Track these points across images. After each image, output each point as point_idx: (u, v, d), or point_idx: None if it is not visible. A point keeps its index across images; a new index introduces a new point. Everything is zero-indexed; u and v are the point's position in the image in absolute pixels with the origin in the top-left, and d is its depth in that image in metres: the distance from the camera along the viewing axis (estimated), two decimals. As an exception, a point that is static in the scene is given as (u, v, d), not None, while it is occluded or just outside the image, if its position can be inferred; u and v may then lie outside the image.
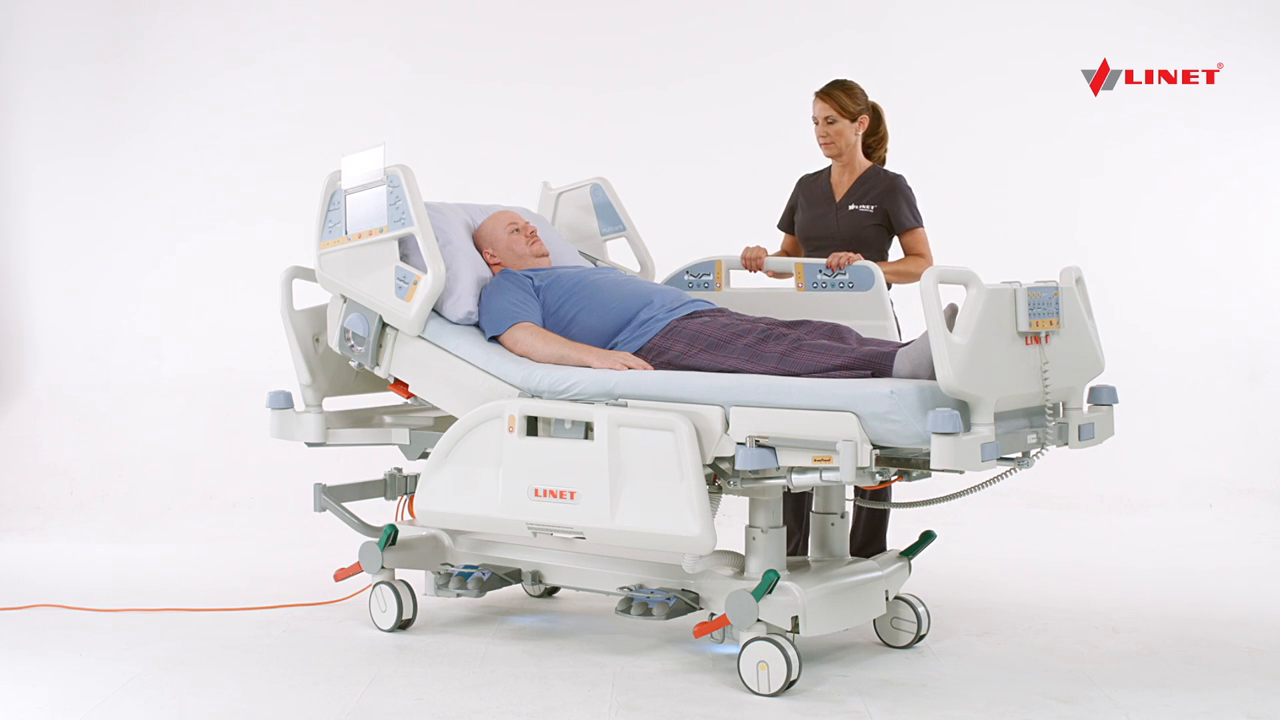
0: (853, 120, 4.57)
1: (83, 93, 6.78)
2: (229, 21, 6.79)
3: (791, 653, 3.52)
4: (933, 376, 3.38)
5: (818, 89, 4.61)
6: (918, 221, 4.57)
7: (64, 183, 6.81)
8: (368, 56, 6.73)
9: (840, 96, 4.57)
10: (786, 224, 4.81)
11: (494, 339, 4.09)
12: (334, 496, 4.39)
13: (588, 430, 3.69)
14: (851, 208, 4.58)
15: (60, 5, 6.77)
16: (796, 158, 6.62)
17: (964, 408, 3.29)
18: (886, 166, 4.71)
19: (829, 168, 4.71)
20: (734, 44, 6.64)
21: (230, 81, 6.75)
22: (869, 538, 4.48)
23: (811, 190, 4.72)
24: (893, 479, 3.61)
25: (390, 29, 6.75)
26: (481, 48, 6.71)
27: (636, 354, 3.94)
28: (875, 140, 4.70)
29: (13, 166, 6.84)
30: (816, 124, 4.60)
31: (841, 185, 4.65)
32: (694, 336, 3.85)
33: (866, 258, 4.41)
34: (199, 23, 6.77)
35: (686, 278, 4.60)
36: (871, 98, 4.69)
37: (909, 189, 4.59)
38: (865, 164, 4.65)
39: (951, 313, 3.35)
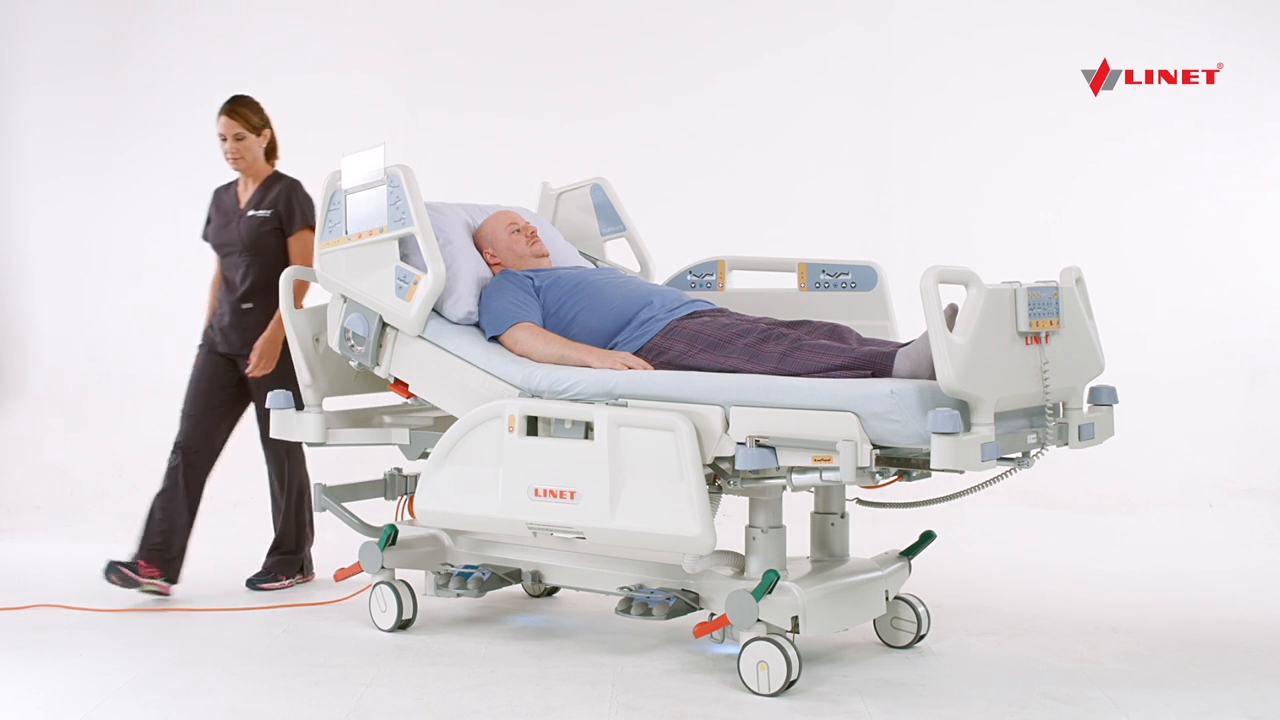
0: (258, 134, 4.80)
1: (84, 97, 6.79)
2: (229, 25, 6.79)
3: (791, 653, 3.52)
4: (933, 376, 3.38)
5: (226, 105, 4.81)
6: (305, 223, 4.77)
7: (64, 184, 6.82)
8: (368, 57, 6.73)
9: (247, 114, 4.80)
10: (205, 234, 4.99)
11: (494, 339, 4.09)
12: (334, 496, 4.39)
13: (588, 430, 3.69)
14: (250, 214, 4.80)
15: (62, 11, 6.78)
16: (798, 157, 6.64)
17: (964, 408, 3.29)
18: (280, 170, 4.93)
19: (239, 179, 4.92)
20: (736, 43, 6.64)
21: (230, 83, 6.71)
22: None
23: (222, 202, 4.94)
24: (893, 479, 3.62)
25: (391, 30, 6.75)
26: (481, 47, 6.70)
27: (636, 354, 3.94)
28: (268, 149, 4.93)
29: (14, 167, 6.85)
30: (224, 141, 4.79)
31: (245, 194, 4.87)
32: (694, 336, 3.85)
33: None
34: (199, 26, 6.78)
35: (689, 278, 4.60)
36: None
37: (305, 193, 4.82)
38: (267, 171, 4.87)
39: (951, 313, 3.35)
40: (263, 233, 4.76)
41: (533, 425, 3.79)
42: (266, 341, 4.70)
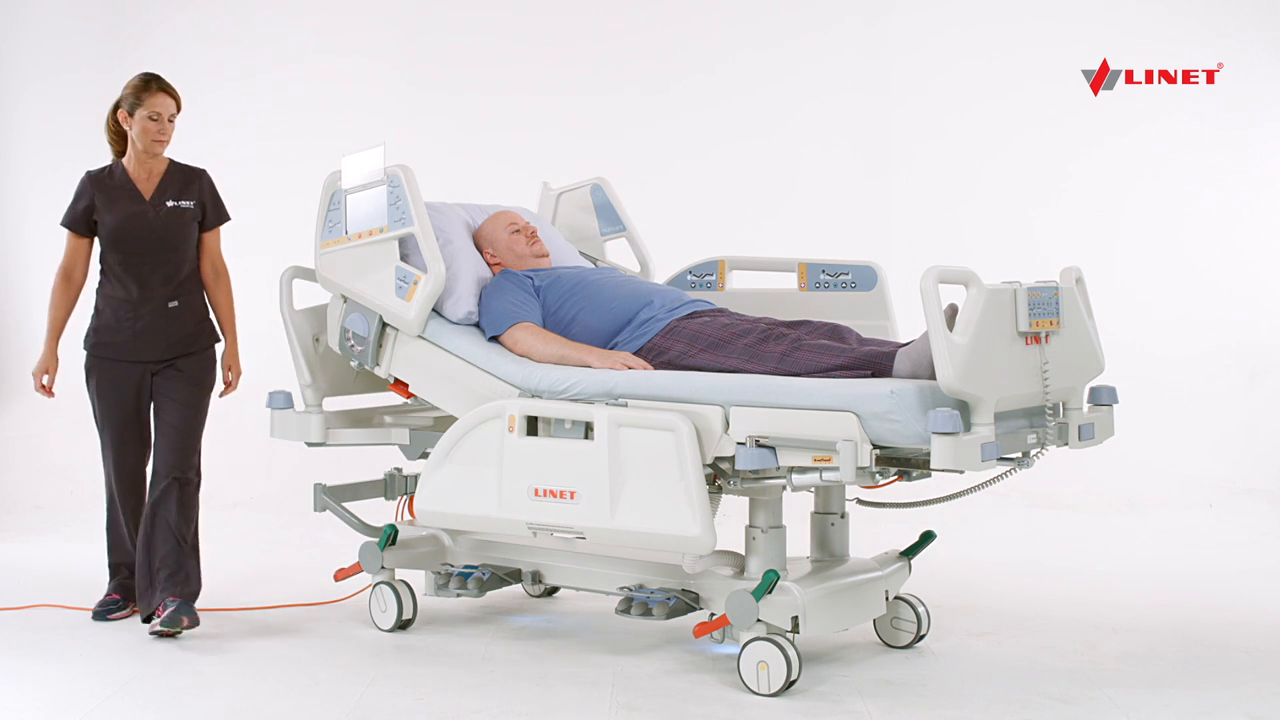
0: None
1: (81, 97, 6.78)
2: (228, 24, 6.79)
3: (791, 653, 3.52)
4: (933, 376, 3.38)
5: (158, 83, 4.32)
6: (225, 218, 4.51)
7: (64, 184, 6.77)
8: (367, 57, 6.73)
9: (178, 94, 4.35)
10: (83, 225, 4.40)
11: (494, 339, 4.09)
12: (334, 496, 4.39)
13: (588, 430, 3.69)
14: (171, 204, 4.37)
15: (61, 9, 6.78)
16: (798, 153, 6.64)
17: (964, 408, 3.29)
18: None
19: (117, 164, 4.43)
20: (736, 38, 6.64)
21: (229, 83, 6.75)
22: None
23: (111, 190, 4.38)
24: (893, 479, 3.62)
25: (390, 29, 6.75)
26: (481, 47, 6.70)
27: (637, 354, 3.94)
28: None
29: (12, 166, 6.84)
30: (155, 121, 4.30)
31: (147, 182, 4.38)
32: (694, 336, 3.85)
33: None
34: (198, 25, 6.77)
35: (689, 277, 4.60)
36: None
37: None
38: (164, 159, 4.43)
39: (951, 313, 3.35)
40: (187, 225, 4.37)
41: (533, 425, 3.79)
42: (236, 355, 4.53)
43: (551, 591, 4.74)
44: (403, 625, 4.27)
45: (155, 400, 4.43)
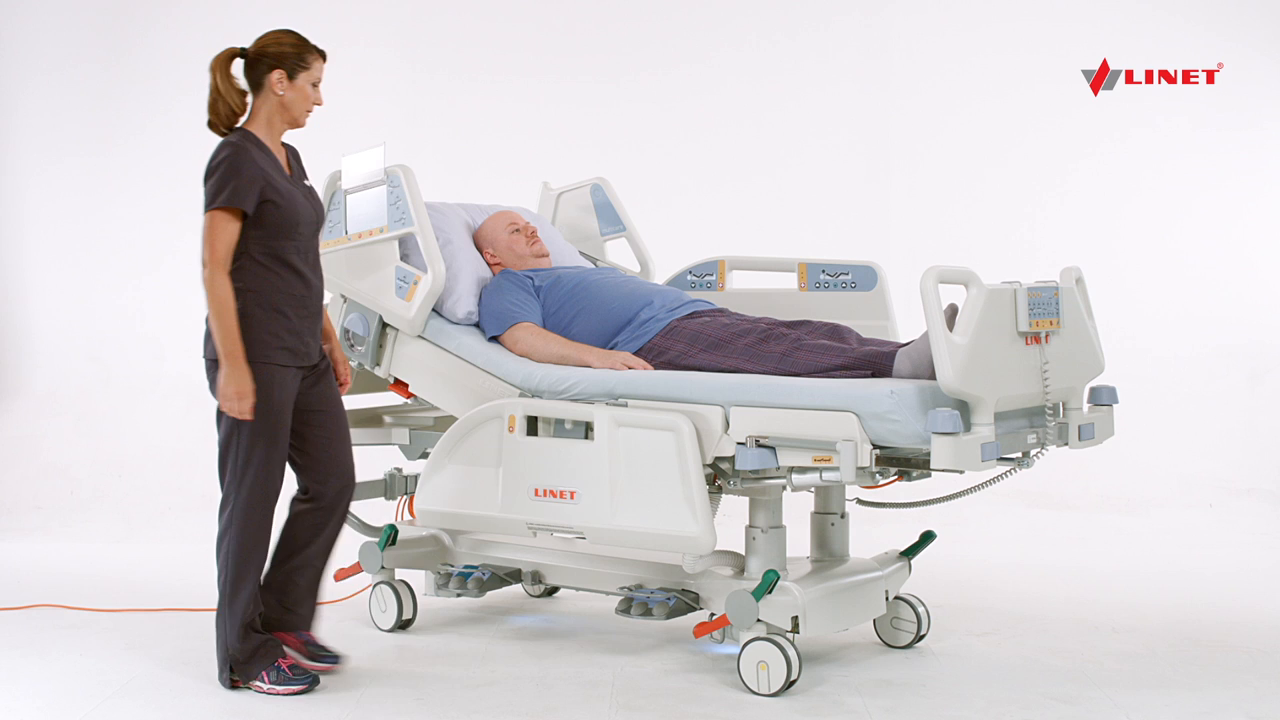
0: None
1: (82, 92, 6.78)
2: (228, 22, 6.78)
3: (791, 653, 3.52)
4: (933, 376, 3.38)
5: (316, 45, 3.72)
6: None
7: (63, 182, 6.81)
8: (367, 56, 6.72)
9: None
10: (253, 206, 3.52)
11: (494, 339, 4.10)
12: (334, 496, 4.39)
13: (588, 430, 3.69)
14: (308, 184, 3.73)
15: (60, 5, 6.77)
16: (797, 153, 6.63)
17: (964, 408, 3.29)
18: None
19: (250, 134, 3.62)
20: (736, 38, 6.65)
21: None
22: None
23: (268, 167, 3.58)
24: (893, 479, 3.62)
25: (390, 28, 6.75)
26: (482, 46, 6.71)
27: (637, 354, 3.94)
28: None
29: (12, 166, 6.84)
30: (316, 87, 3.69)
31: (282, 160, 3.68)
32: (694, 336, 3.85)
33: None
34: (198, 22, 6.77)
35: (689, 278, 4.60)
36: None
37: None
38: None
39: (951, 313, 3.35)
40: (321, 208, 3.76)
41: (533, 425, 3.80)
42: (343, 351, 3.95)
43: (551, 591, 4.74)
44: (403, 625, 4.27)
45: (302, 410, 3.73)
